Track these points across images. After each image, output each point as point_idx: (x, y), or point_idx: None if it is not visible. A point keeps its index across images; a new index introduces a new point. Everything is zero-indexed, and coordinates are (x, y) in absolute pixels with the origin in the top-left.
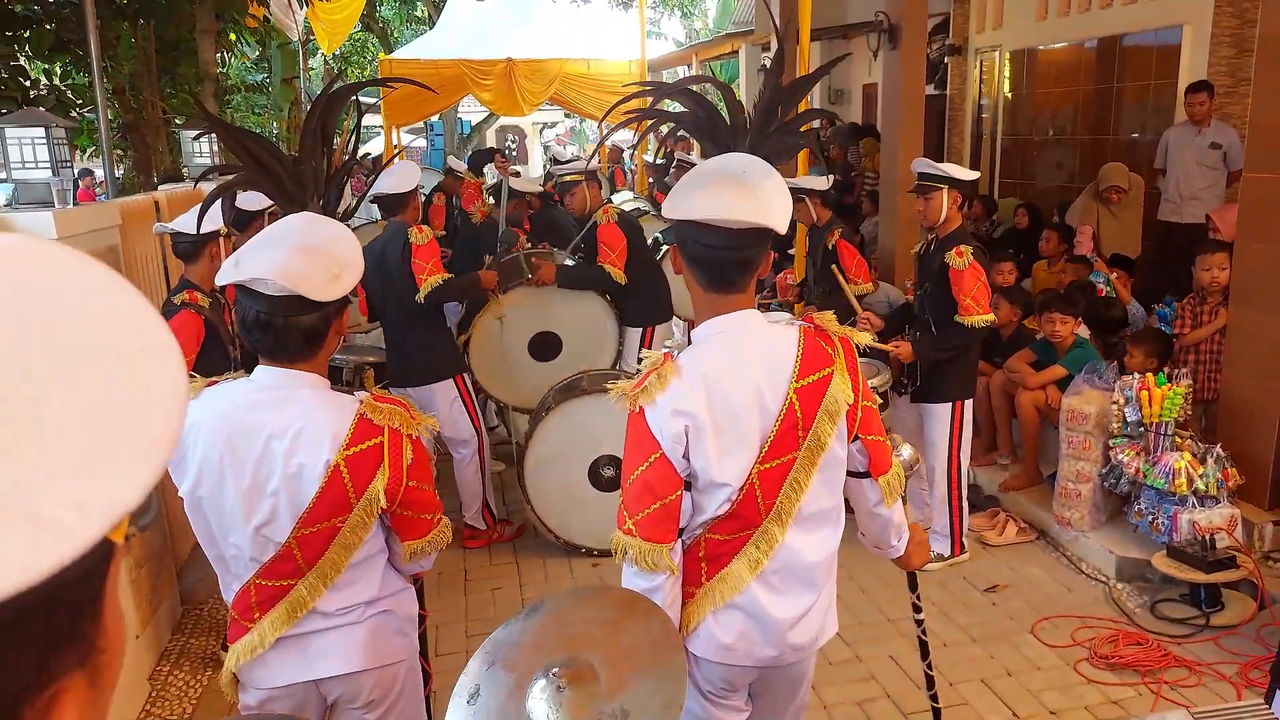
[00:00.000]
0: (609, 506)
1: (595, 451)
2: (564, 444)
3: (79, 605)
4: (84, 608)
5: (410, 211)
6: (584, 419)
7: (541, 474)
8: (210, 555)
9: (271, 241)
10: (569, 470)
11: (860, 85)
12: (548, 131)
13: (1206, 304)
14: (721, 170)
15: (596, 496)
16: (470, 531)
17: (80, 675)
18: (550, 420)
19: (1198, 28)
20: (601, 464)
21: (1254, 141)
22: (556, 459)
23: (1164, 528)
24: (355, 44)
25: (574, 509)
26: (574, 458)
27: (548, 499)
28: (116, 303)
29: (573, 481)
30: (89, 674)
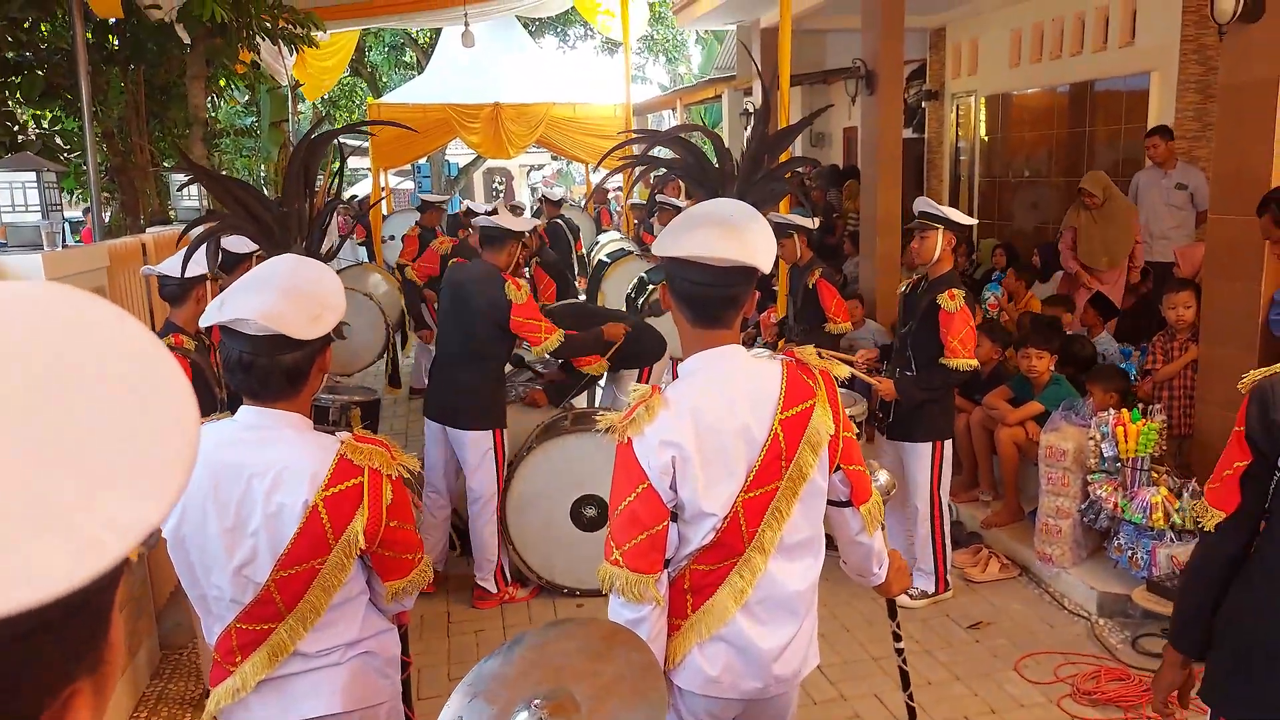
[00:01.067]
0: (591, 546)
1: (577, 491)
2: (546, 484)
3: (98, 614)
4: (101, 618)
5: (505, 255)
6: (566, 458)
7: (523, 513)
8: (192, 596)
9: (256, 284)
10: (551, 510)
11: (841, 129)
12: (535, 174)
13: (1176, 340)
14: (710, 214)
15: (578, 536)
16: (481, 592)
17: (89, 682)
18: (531, 459)
19: (1165, 74)
20: (583, 504)
21: (1217, 185)
22: (538, 498)
23: (1143, 562)
24: (344, 88)
25: (556, 549)
26: (556, 497)
27: (529, 539)
28: (135, 340)
29: (555, 521)
30: (96, 682)
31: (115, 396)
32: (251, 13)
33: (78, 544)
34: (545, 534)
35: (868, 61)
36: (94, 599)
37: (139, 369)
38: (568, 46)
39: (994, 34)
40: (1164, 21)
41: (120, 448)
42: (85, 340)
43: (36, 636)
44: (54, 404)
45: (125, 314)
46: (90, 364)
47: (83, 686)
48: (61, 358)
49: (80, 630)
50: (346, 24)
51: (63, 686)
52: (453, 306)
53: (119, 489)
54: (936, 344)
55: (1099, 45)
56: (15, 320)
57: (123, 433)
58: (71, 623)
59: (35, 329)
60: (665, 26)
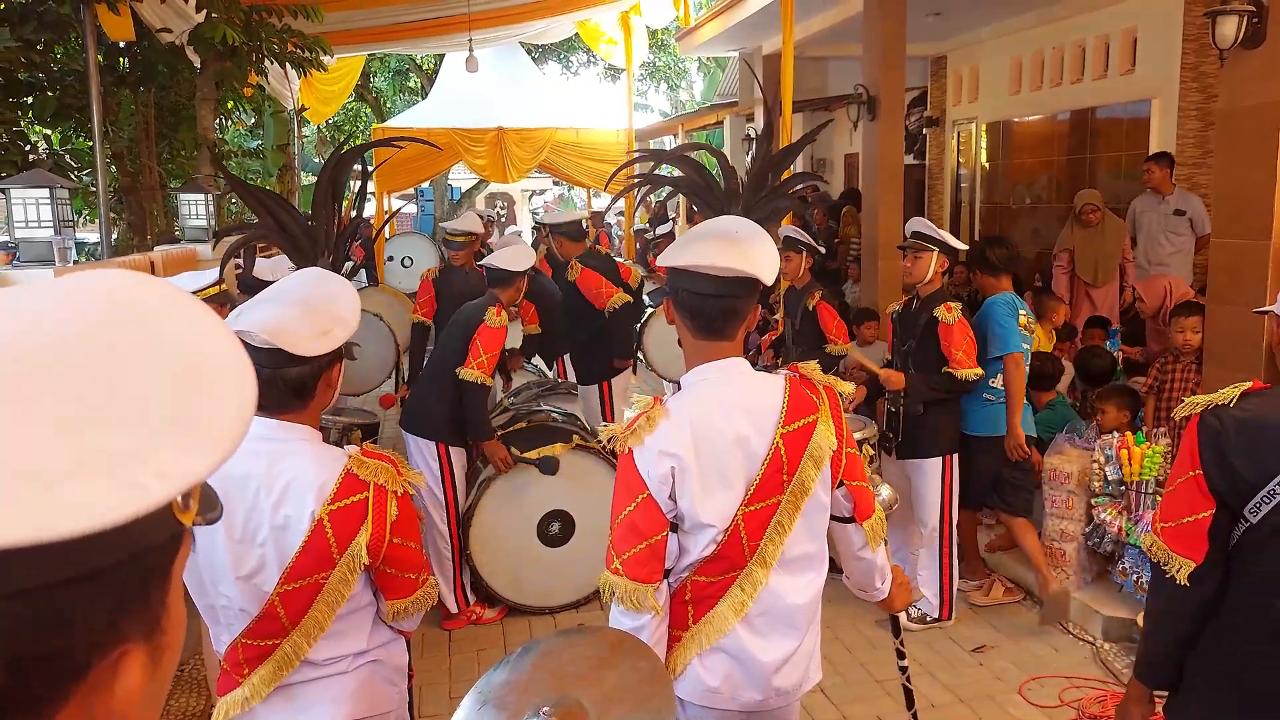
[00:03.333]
0: (556, 561)
1: (543, 508)
2: (509, 503)
3: (150, 572)
4: (154, 577)
5: (512, 291)
6: (521, 483)
7: (488, 535)
8: (200, 606)
9: (273, 296)
10: (517, 529)
11: (842, 155)
12: (536, 199)
13: (1180, 363)
14: (714, 228)
15: (545, 554)
16: (445, 612)
17: (145, 649)
18: (487, 494)
19: (1165, 102)
20: (549, 520)
21: (1218, 210)
22: (501, 529)
23: (1148, 586)
24: (349, 113)
25: (522, 569)
26: (522, 515)
27: (494, 561)
28: (204, 322)
29: (521, 541)
30: (152, 651)
31: (174, 361)
32: (261, 36)
33: (122, 485)
34: (512, 557)
35: (869, 88)
36: (145, 555)
37: (199, 339)
38: (571, 73)
39: (994, 62)
40: (1164, 49)
41: (174, 406)
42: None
43: (86, 585)
44: (114, 363)
45: (196, 300)
46: (156, 331)
47: (135, 649)
48: (128, 324)
49: (130, 584)
50: (353, 49)
51: (113, 644)
52: (450, 326)
53: (169, 443)
54: (938, 357)
55: (1099, 73)
56: (92, 292)
57: (178, 393)
58: (120, 574)
59: (111, 298)
60: (667, 54)
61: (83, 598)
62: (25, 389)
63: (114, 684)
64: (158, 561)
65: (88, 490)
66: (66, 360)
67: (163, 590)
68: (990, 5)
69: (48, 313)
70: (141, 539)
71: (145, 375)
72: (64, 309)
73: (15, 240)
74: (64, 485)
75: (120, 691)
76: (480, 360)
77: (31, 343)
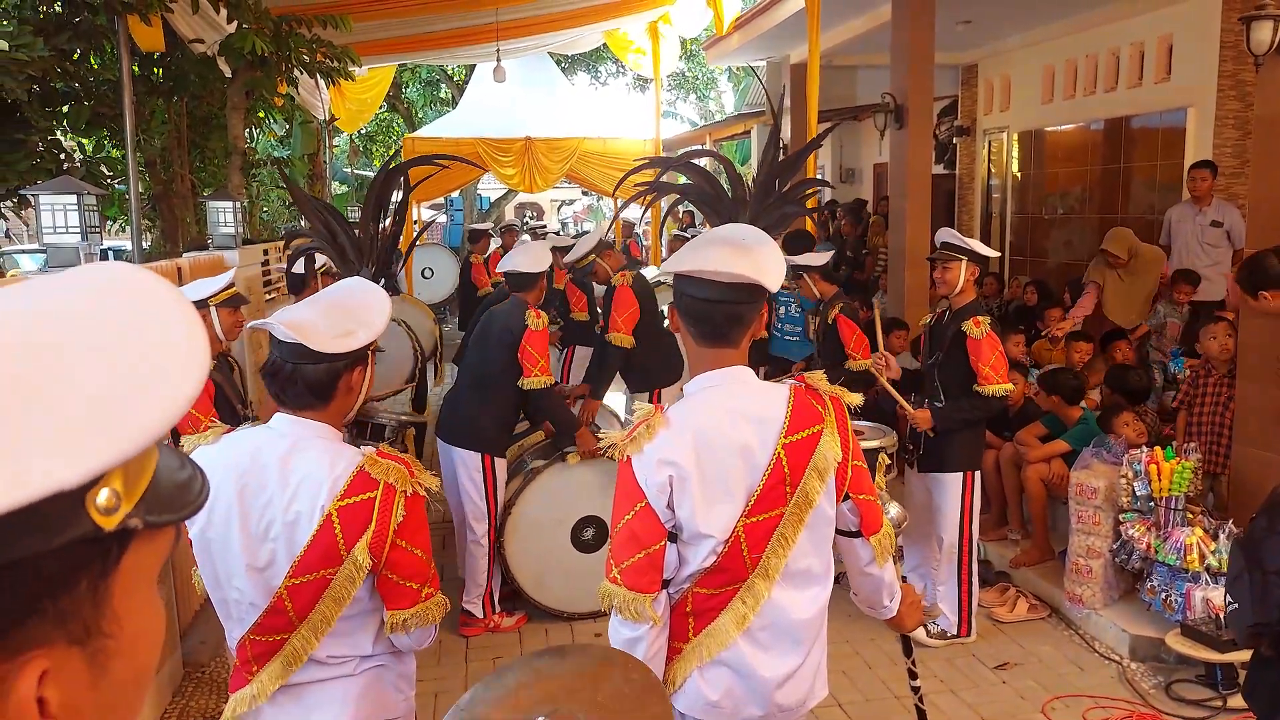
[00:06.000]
0: (585, 566)
1: (579, 512)
2: (549, 505)
3: (53, 579)
4: (66, 584)
5: (534, 292)
6: (568, 479)
7: (523, 534)
8: (215, 599)
9: (313, 299)
10: (552, 531)
11: (871, 164)
12: (565, 209)
13: (1213, 375)
14: (720, 235)
15: (576, 558)
16: (465, 618)
17: (75, 653)
18: (543, 478)
19: (1202, 110)
20: (584, 525)
21: (1254, 218)
22: (541, 520)
23: (1177, 605)
24: (380, 123)
25: (550, 571)
26: (558, 518)
27: (524, 559)
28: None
29: (554, 543)
30: (89, 655)
31: (96, 352)
32: (291, 47)
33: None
34: (542, 555)
35: (897, 96)
36: (34, 555)
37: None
38: (599, 83)
39: (1026, 70)
40: (1201, 56)
41: (68, 401)
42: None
43: None
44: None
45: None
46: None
47: (55, 657)
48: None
49: (17, 597)
50: (383, 59)
51: (9, 650)
52: (479, 334)
53: (43, 442)
54: (966, 372)
55: (1134, 81)
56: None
57: (81, 386)
58: (13, 573)
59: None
60: (696, 63)
61: None
62: None
63: (9, 694)
64: (66, 567)
65: None
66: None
67: (98, 594)
68: (1021, 13)
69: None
70: (16, 546)
71: (64, 356)
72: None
73: (44, 245)
74: None
75: (17, 702)
76: (539, 365)
77: None
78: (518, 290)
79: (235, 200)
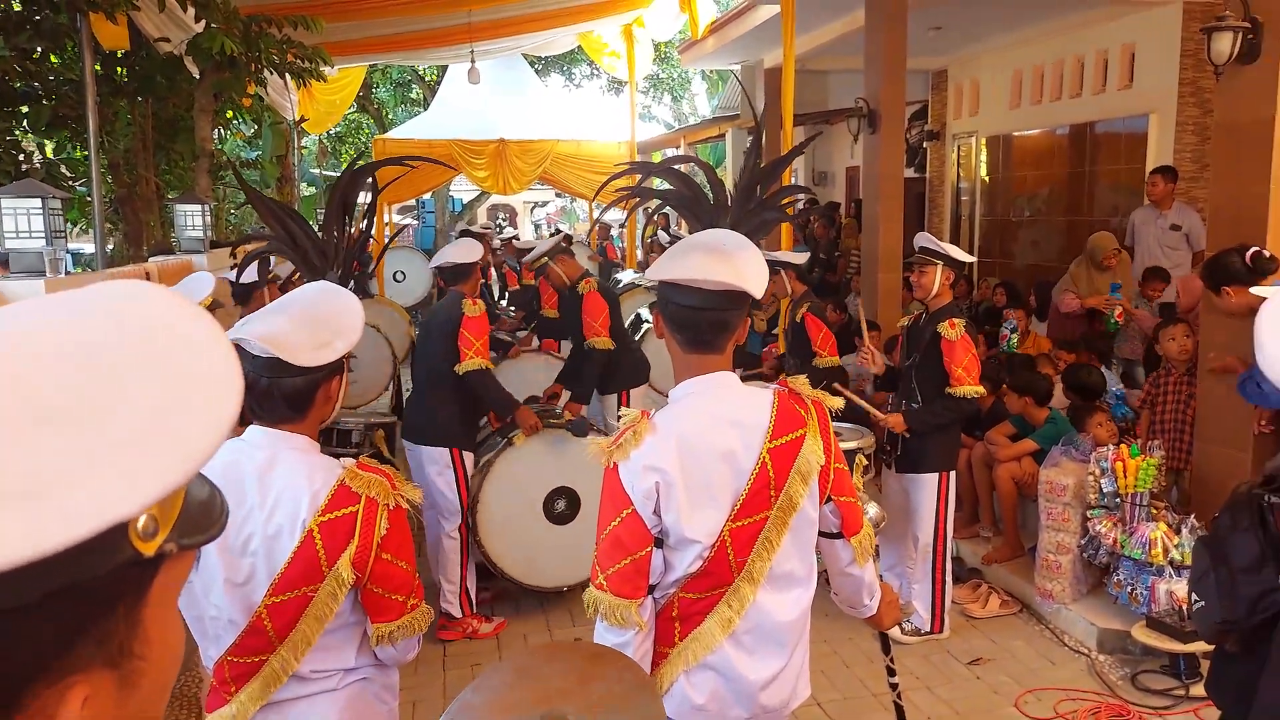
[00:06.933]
0: (563, 540)
1: (543, 490)
2: (510, 497)
3: (112, 603)
4: (107, 609)
5: (470, 283)
6: (535, 454)
7: (499, 534)
8: (189, 617)
9: (278, 307)
10: (525, 519)
11: (844, 167)
12: (538, 210)
13: (1172, 375)
14: (702, 241)
15: (552, 531)
16: (444, 620)
17: (108, 675)
18: (508, 455)
19: (1163, 116)
20: (555, 496)
21: (1214, 222)
22: (508, 515)
23: (1143, 598)
24: (350, 124)
25: (530, 549)
26: (525, 506)
27: (514, 556)
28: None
29: (528, 520)
30: (121, 676)
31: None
32: (261, 47)
33: (29, 522)
34: (524, 542)
35: (870, 101)
36: (101, 586)
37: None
38: (573, 85)
39: (994, 76)
40: (1162, 64)
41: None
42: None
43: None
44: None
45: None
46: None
47: (93, 680)
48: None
49: (65, 622)
50: (354, 60)
51: (50, 679)
52: (424, 332)
53: (95, 476)
54: (941, 374)
55: (1098, 87)
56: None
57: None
58: (44, 613)
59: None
60: (671, 65)
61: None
62: None
63: (55, 717)
64: (124, 593)
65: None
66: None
67: (134, 617)
68: (990, 20)
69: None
70: (71, 574)
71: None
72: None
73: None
74: None
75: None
76: (475, 348)
77: None
78: (452, 283)
79: (203, 203)
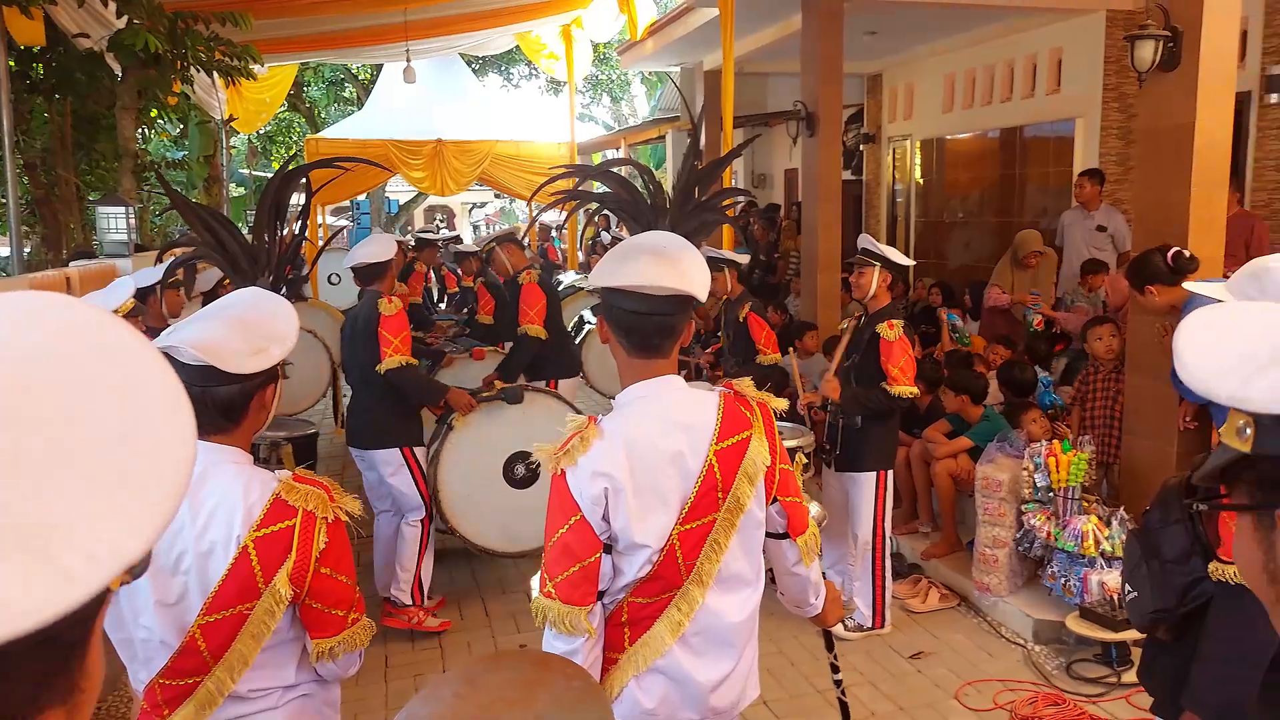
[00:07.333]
0: (525, 502)
1: (497, 463)
2: (467, 479)
3: (72, 645)
4: (75, 648)
5: (386, 281)
6: (466, 447)
7: (468, 517)
8: (116, 640)
9: (210, 313)
10: (490, 496)
11: (782, 169)
12: (477, 211)
13: (1100, 373)
14: (643, 244)
15: (513, 495)
16: (390, 608)
17: (61, 711)
18: (452, 439)
19: (1089, 121)
20: (514, 461)
21: (1139, 223)
22: (470, 497)
23: (1075, 589)
24: (281, 124)
25: (518, 519)
26: (485, 483)
27: (490, 532)
28: (139, 365)
29: (500, 500)
30: (68, 710)
31: (112, 418)
32: (187, 44)
33: (52, 576)
34: (496, 518)
35: (808, 104)
36: (66, 632)
37: (143, 395)
38: (512, 85)
39: (928, 80)
40: (1088, 70)
41: (109, 476)
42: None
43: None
44: (46, 418)
45: (135, 335)
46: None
47: (54, 715)
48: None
49: (52, 663)
50: (285, 58)
51: (30, 715)
52: (348, 336)
53: (103, 519)
54: (878, 373)
55: (1027, 92)
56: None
57: (114, 462)
58: (40, 656)
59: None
60: (610, 67)
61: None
62: None
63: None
64: (82, 631)
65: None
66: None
67: (84, 651)
68: (923, 26)
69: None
70: (71, 615)
71: (75, 426)
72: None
73: None
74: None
75: None
76: (394, 345)
77: None
78: (367, 282)
79: (127, 205)
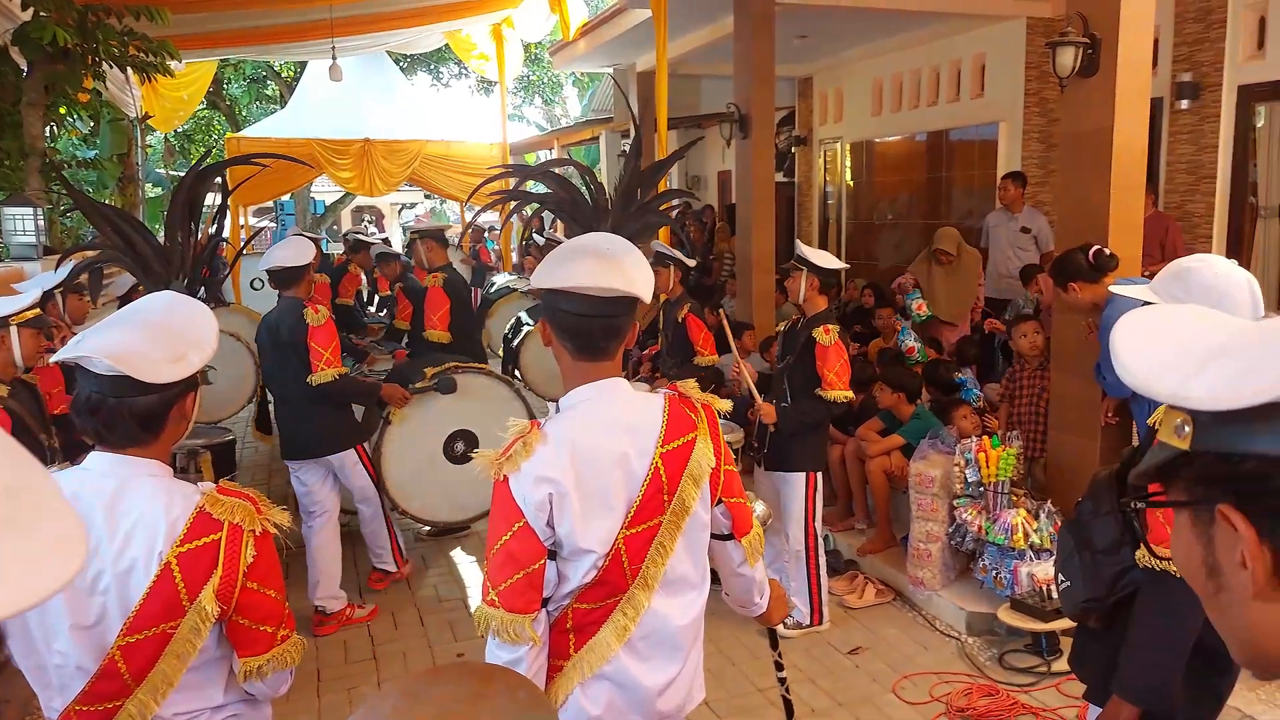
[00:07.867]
0: (465, 474)
1: (437, 444)
2: (410, 466)
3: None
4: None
5: (304, 286)
6: (406, 438)
7: (416, 496)
8: (26, 666)
9: (120, 319)
10: (435, 476)
11: (715, 171)
12: (406, 212)
13: (1026, 369)
14: (586, 246)
15: (454, 470)
16: (378, 574)
17: None
18: (391, 431)
19: (1011, 125)
20: (453, 440)
21: (1063, 225)
22: (417, 478)
23: (1006, 581)
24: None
25: (464, 490)
26: (427, 465)
27: (440, 505)
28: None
29: (444, 477)
30: None
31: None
32: (99, 39)
33: None
34: (446, 493)
35: (741, 106)
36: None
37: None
38: (441, 84)
39: (857, 84)
40: (1010, 76)
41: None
42: None
43: None
44: None
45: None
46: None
47: None
48: None
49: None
50: (204, 54)
51: None
52: (268, 346)
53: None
54: (813, 376)
55: (952, 97)
56: None
57: None
58: None
59: None
60: (541, 67)
61: None
62: None
63: None
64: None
65: None
66: None
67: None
68: (851, 31)
69: None
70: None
71: None
72: None
73: None
74: None
75: None
76: (324, 358)
77: None
78: (284, 287)
79: (35, 206)
